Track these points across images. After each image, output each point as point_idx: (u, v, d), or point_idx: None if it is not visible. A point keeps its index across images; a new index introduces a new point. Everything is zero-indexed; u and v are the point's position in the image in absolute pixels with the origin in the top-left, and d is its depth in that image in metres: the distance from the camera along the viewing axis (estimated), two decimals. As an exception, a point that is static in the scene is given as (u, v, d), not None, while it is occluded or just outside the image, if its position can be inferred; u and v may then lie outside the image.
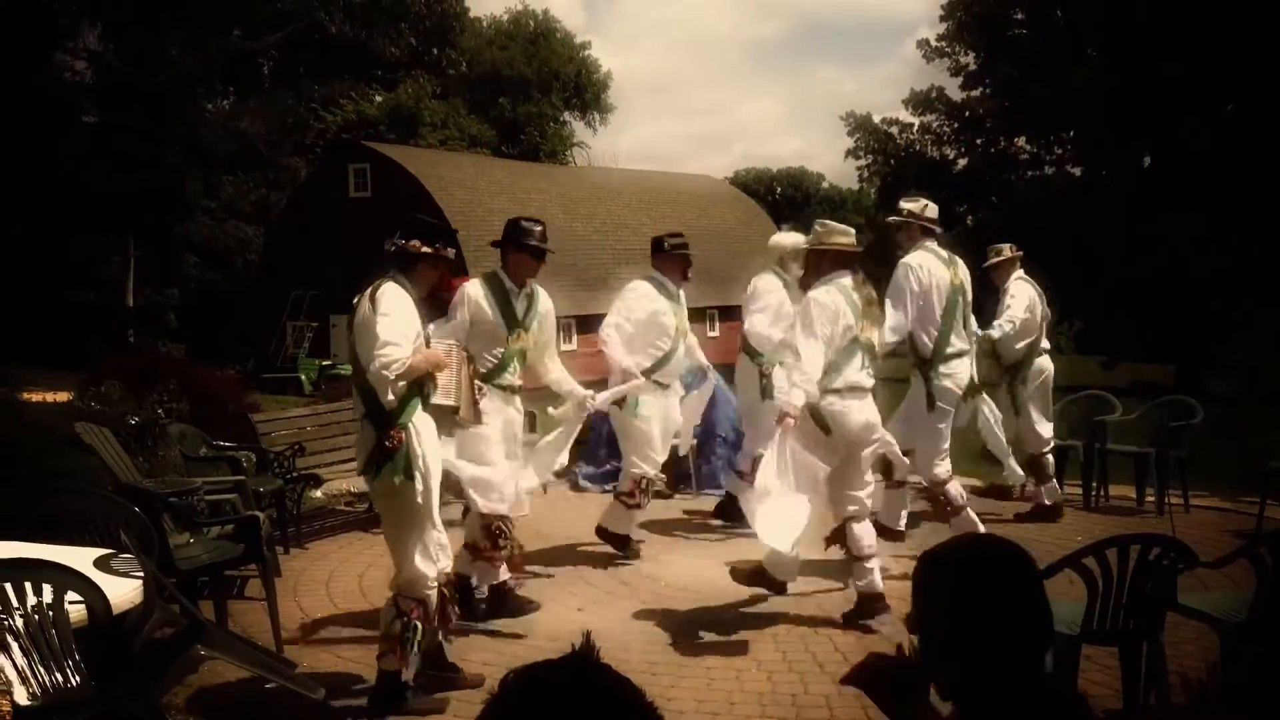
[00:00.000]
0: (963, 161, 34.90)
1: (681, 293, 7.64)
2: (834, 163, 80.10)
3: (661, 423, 7.49)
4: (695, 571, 7.29)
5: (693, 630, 6.09)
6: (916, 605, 2.10)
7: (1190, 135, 23.75)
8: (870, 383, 6.08)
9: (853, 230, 6.25)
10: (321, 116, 40.76)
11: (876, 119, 37.00)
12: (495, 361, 6.06)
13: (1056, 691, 2.00)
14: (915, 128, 35.59)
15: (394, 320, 4.77)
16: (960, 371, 6.93)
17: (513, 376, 6.15)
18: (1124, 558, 4.33)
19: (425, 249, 5.03)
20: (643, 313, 7.34)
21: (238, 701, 5.09)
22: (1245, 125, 23.78)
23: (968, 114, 33.69)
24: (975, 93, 33.50)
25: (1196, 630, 4.88)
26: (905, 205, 7.17)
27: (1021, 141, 33.06)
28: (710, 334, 28.11)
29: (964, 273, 7.07)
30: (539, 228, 6.20)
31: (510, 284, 6.15)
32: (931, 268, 6.86)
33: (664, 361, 7.39)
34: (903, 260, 6.95)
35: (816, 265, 6.15)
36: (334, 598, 6.86)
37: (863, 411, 6.01)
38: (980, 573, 2.01)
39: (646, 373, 7.27)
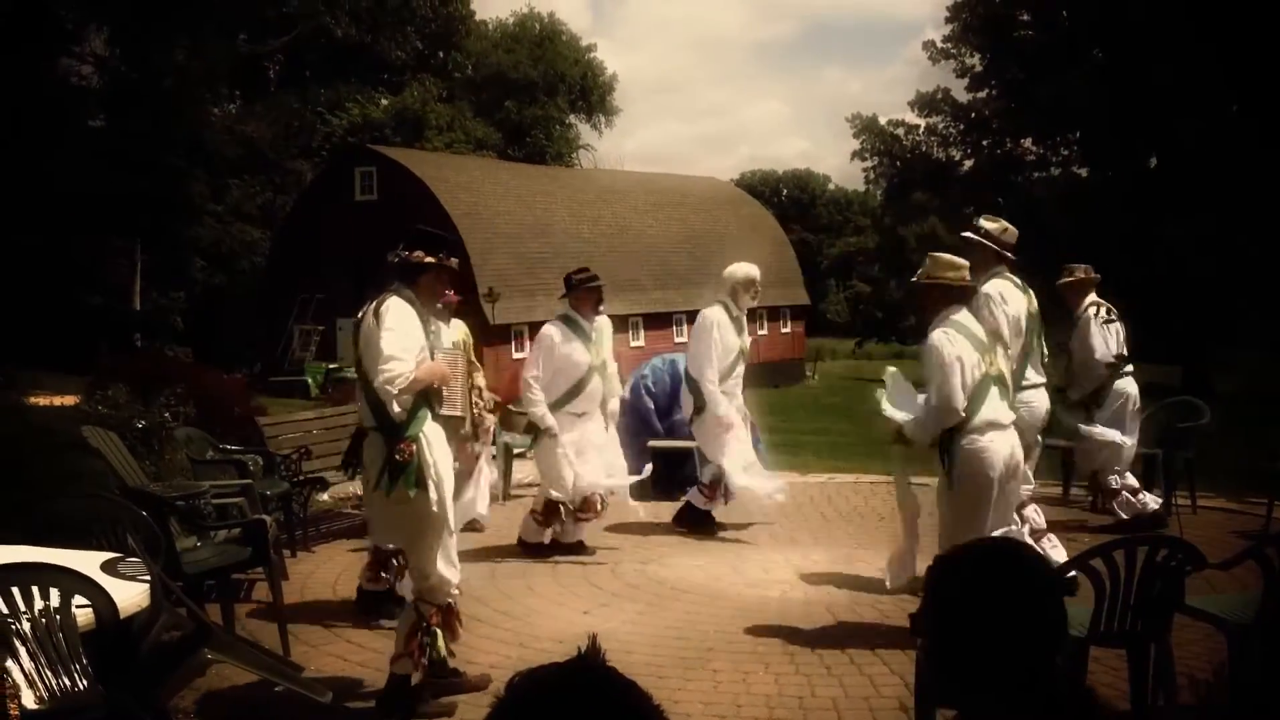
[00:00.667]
0: (969, 163, 34.88)
1: (599, 322, 7.91)
2: (840, 164, 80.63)
3: (579, 450, 7.76)
4: (701, 574, 7.29)
5: (699, 633, 6.09)
6: (927, 606, 2.09)
7: (1195, 136, 23.72)
8: (1011, 416, 5.65)
9: (965, 264, 5.83)
10: (327, 120, 40.83)
11: (882, 120, 37.01)
12: None
13: (1066, 693, 1.99)
14: (921, 129, 35.63)
15: (397, 335, 4.81)
16: (1037, 402, 6.64)
17: None
18: (1131, 559, 4.32)
19: (429, 259, 5.04)
20: (553, 358, 7.69)
21: (245, 705, 5.10)
22: (1249, 127, 23.75)
23: (973, 115, 33.68)
24: (981, 94, 33.50)
25: (1204, 632, 4.87)
26: (985, 225, 6.66)
27: (1027, 143, 33.06)
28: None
29: (1035, 302, 6.76)
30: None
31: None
32: (1010, 297, 6.49)
33: (576, 393, 7.71)
34: (981, 290, 6.39)
35: (924, 301, 5.74)
36: (341, 601, 6.86)
37: (1006, 444, 5.56)
38: (993, 575, 2.00)
39: (558, 404, 7.69)
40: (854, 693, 5.20)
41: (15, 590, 3.71)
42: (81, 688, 3.71)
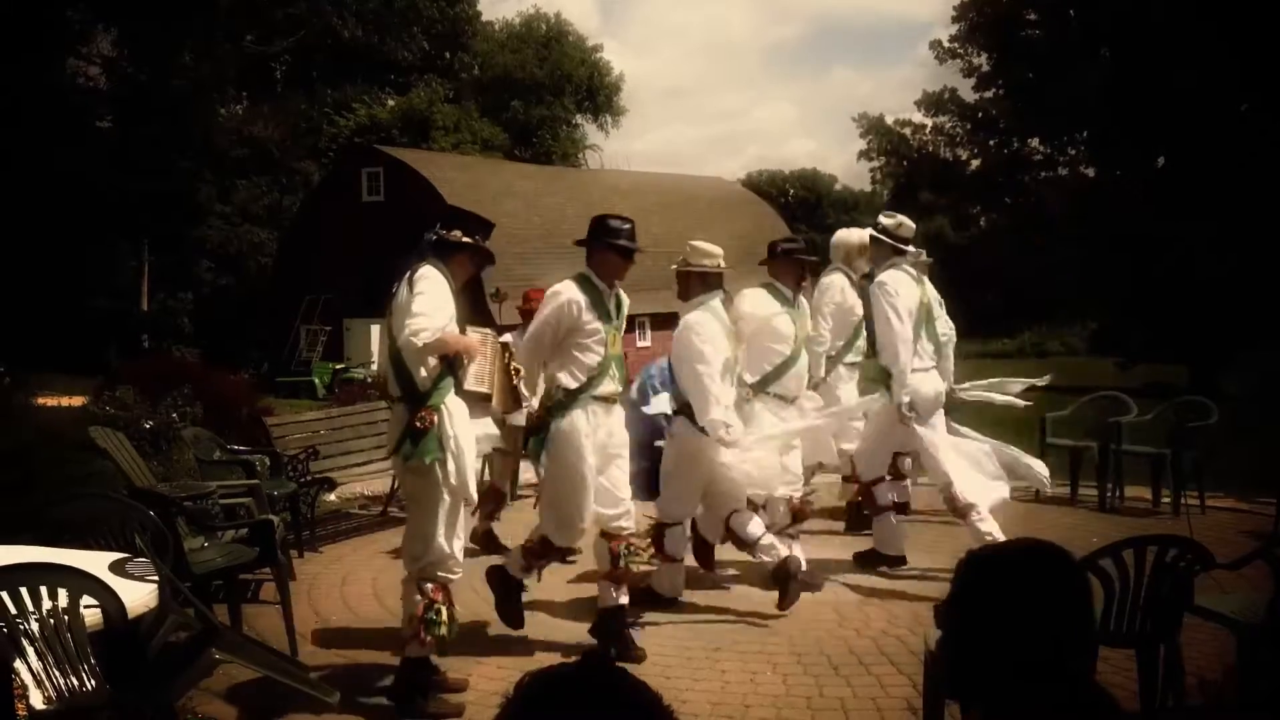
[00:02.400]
0: (976, 162, 34.74)
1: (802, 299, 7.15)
2: (847, 164, 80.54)
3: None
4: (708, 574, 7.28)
5: (707, 633, 6.08)
6: (955, 600, 2.08)
7: (1204, 136, 23.64)
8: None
9: (720, 251, 6.32)
10: (334, 120, 40.88)
11: (889, 120, 36.97)
12: (594, 368, 5.62)
13: (1087, 692, 1.98)
14: (928, 129, 35.49)
15: (428, 297, 4.80)
16: (923, 386, 6.85)
17: (613, 383, 5.69)
18: (1140, 559, 4.31)
19: (465, 239, 5.08)
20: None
21: (252, 705, 5.10)
22: (1259, 125, 23.66)
23: (980, 115, 33.55)
24: (988, 93, 33.37)
25: (1213, 632, 4.85)
26: (883, 221, 7.20)
27: (1035, 142, 32.91)
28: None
29: (931, 291, 7.29)
30: (627, 226, 5.82)
31: (600, 284, 5.72)
32: (902, 286, 6.91)
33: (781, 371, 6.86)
34: (875, 282, 7.05)
35: (685, 287, 6.32)
36: (348, 601, 6.87)
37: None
38: (1025, 573, 1.99)
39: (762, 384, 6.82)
40: (861, 693, 5.19)
41: (23, 590, 3.71)
42: (89, 688, 3.72)
